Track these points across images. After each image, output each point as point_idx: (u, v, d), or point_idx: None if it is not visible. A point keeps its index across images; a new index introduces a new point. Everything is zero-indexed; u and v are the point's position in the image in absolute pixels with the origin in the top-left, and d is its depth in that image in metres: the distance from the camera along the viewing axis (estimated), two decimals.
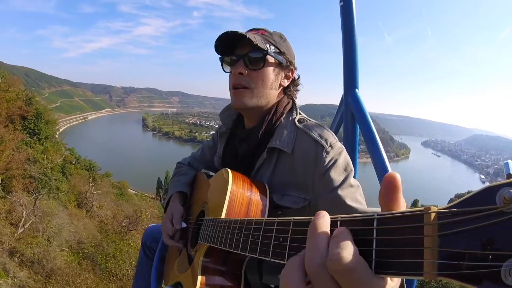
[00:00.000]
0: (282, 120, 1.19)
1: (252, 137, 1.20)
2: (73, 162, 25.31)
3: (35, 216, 11.58)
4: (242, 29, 1.11)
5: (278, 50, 1.16)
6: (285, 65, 1.19)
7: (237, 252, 0.71)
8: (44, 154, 18.48)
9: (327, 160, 1.05)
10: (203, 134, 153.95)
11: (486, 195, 0.29)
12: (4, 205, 12.02)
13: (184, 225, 1.26)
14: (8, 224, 11.41)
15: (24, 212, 11.19)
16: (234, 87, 1.15)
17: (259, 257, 0.59)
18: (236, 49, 1.15)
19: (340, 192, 1.01)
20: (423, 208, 0.34)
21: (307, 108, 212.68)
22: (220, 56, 1.20)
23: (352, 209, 0.98)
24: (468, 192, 0.32)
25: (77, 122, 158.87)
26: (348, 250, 0.37)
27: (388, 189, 0.39)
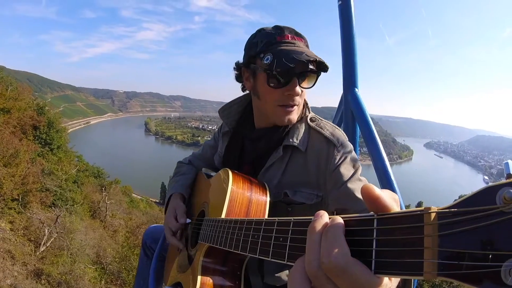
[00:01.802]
0: None
1: (268, 135, 1.16)
2: (83, 170, 24.86)
3: (57, 233, 11.13)
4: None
5: None
6: None
7: (237, 252, 0.70)
8: (59, 165, 18.06)
9: (338, 157, 1.06)
10: (205, 138, 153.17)
11: (486, 195, 0.29)
12: (21, 221, 11.58)
13: (188, 220, 1.22)
14: (26, 240, 10.97)
15: (47, 230, 10.75)
16: (286, 106, 1.08)
17: (259, 257, 0.59)
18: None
19: (349, 185, 1.01)
20: (423, 208, 0.33)
21: None
22: (272, 71, 1.03)
23: (362, 202, 0.93)
24: None
25: (80, 126, 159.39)
26: (338, 249, 0.37)
27: (369, 202, 0.39)
